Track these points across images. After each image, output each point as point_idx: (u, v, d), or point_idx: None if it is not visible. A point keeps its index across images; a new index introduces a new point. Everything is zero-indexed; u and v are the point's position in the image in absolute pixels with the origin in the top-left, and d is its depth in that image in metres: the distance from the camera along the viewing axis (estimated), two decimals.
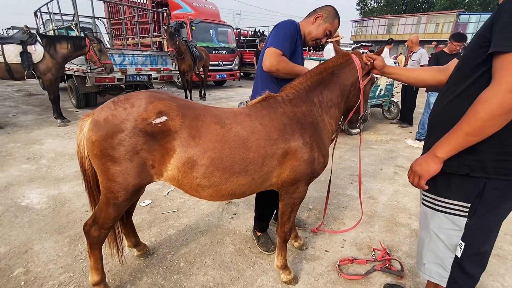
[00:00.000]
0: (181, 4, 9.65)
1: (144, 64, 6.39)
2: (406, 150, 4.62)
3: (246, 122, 1.46)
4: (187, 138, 1.35)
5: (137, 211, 2.62)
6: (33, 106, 6.81)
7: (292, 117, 1.51)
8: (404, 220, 2.65)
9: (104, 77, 5.72)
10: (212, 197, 1.48)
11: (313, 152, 1.53)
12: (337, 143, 4.69)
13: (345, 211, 2.77)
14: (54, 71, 4.97)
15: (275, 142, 1.46)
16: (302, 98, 1.58)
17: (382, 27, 34.73)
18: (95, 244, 1.54)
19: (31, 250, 2.07)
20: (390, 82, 5.52)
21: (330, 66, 1.65)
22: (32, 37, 4.75)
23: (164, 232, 2.34)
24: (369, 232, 2.46)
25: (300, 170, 1.53)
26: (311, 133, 1.53)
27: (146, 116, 1.31)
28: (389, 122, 6.40)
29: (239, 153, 1.40)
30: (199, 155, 1.36)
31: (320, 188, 3.22)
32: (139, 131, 1.30)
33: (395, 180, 3.51)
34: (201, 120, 1.39)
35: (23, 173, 3.28)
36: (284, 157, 1.49)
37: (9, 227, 2.32)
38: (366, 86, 1.69)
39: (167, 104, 1.36)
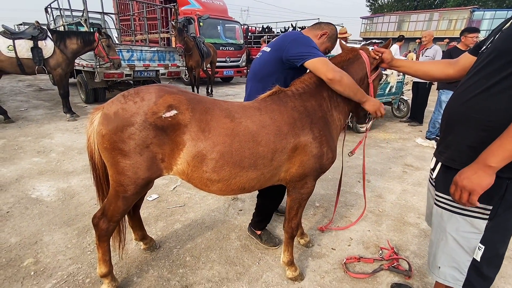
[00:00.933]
0: (189, 0, 9.66)
1: (152, 60, 6.44)
2: (416, 149, 4.54)
3: (256, 116, 1.46)
4: (197, 132, 1.35)
5: (144, 205, 2.65)
6: (44, 101, 6.94)
7: (302, 112, 1.52)
8: (413, 219, 2.61)
9: (113, 72, 5.78)
10: (221, 191, 1.49)
11: (322, 147, 1.53)
12: (346, 141, 4.69)
13: (352, 209, 2.75)
14: (64, 66, 5.05)
15: (285, 137, 1.46)
16: (311, 92, 1.58)
17: (393, 24, 34.14)
18: (103, 236, 1.57)
19: (40, 241, 2.12)
20: (400, 80, 5.42)
21: (339, 61, 1.65)
22: (42, 33, 4.83)
23: (170, 227, 2.36)
24: (377, 231, 2.43)
25: (309, 165, 1.53)
26: (320, 128, 1.53)
27: (156, 110, 1.32)
28: (398, 120, 6.31)
29: (249, 147, 1.41)
30: (209, 149, 1.36)
31: (327, 186, 3.20)
32: (149, 125, 1.31)
33: (404, 179, 3.46)
34: (211, 114, 1.39)
35: (34, 166, 3.35)
36: (294, 151, 1.49)
37: (19, 218, 2.38)
38: (374, 81, 1.70)
39: (177, 98, 1.37)
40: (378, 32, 35.13)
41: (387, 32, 34.10)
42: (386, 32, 34.31)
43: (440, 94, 4.69)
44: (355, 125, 5.10)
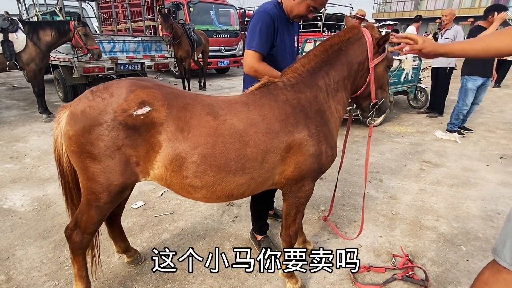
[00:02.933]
0: None
1: (136, 51, 6.46)
2: (435, 143, 4.53)
3: (243, 112, 1.43)
4: (175, 132, 1.33)
5: (128, 213, 2.67)
6: (17, 101, 6.99)
7: (295, 105, 1.48)
8: (431, 222, 2.61)
9: (93, 66, 5.81)
10: (206, 198, 1.47)
11: (320, 145, 1.50)
12: (355, 136, 4.69)
13: None
14: (37, 60, 5.07)
15: (276, 135, 1.42)
16: (306, 82, 1.54)
17: (409, 3, 34.02)
18: (77, 249, 1.57)
19: (13, 257, 2.14)
20: (417, 66, 5.40)
21: (337, 41, 1.58)
22: (13, 24, 4.86)
23: (157, 237, 2.38)
24: (389, 236, 2.43)
25: (306, 165, 1.50)
26: (317, 123, 1.50)
27: (126, 106, 1.30)
28: (416, 111, 6.29)
29: (235, 148, 1.37)
30: (189, 151, 1.33)
31: (333, 187, 3.19)
32: (119, 124, 1.29)
33: (421, 177, 3.45)
34: (191, 111, 1.36)
35: (6, 173, 3.38)
36: (288, 151, 1.46)
37: None
38: (377, 67, 1.60)
39: (150, 92, 1.34)
40: (393, 13, 35.01)
41: (403, 12, 33.99)
42: (402, 12, 34.20)
43: (465, 81, 4.63)
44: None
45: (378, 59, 1.57)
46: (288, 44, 1.89)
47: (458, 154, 4.12)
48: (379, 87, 1.67)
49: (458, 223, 2.60)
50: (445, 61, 5.46)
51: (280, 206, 2.69)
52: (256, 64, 1.75)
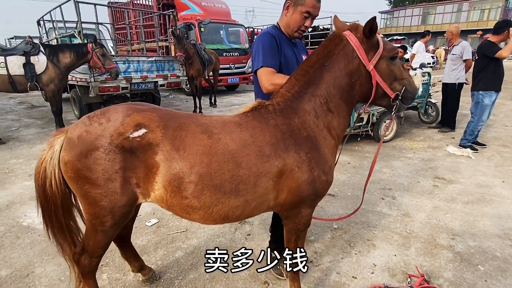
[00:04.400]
0: (189, 4, 10.06)
1: (150, 70, 6.68)
2: (448, 159, 4.48)
3: (236, 133, 1.42)
4: (171, 151, 1.34)
5: (143, 231, 2.71)
6: (36, 119, 7.26)
7: (285, 131, 1.45)
8: (446, 241, 2.57)
9: (108, 86, 6.02)
10: (204, 220, 1.47)
11: (313, 171, 1.46)
12: (366, 152, 4.68)
13: (375, 231, 2.73)
14: (56, 81, 5.31)
15: (267, 159, 1.40)
16: (293, 107, 1.49)
17: (416, 17, 34.28)
18: (87, 273, 1.62)
19: (32, 274, 2.20)
20: (426, 81, 5.42)
21: (315, 59, 1.50)
22: (35, 48, 5.13)
23: (171, 255, 2.41)
24: (404, 255, 2.40)
25: (300, 192, 1.47)
26: (307, 150, 1.45)
27: (122, 130, 1.33)
28: (427, 126, 6.25)
29: (229, 169, 1.37)
30: (186, 170, 1.34)
31: (346, 205, 3.19)
32: (115, 147, 1.32)
33: (435, 194, 3.41)
34: (186, 130, 1.38)
35: (25, 191, 3.49)
36: (279, 177, 1.43)
37: (10, 248, 2.48)
38: (379, 65, 1.44)
39: (146, 115, 1.38)
40: (400, 27, 35.27)
41: (411, 26, 34.21)
42: (409, 26, 34.44)
43: (481, 97, 4.52)
44: (376, 133, 5.09)
45: (375, 57, 1.42)
46: (292, 61, 1.90)
47: (472, 170, 4.06)
48: (393, 81, 1.50)
49: (474, 242, 2.55)
50: (453, 76, 5.47)
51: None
52: (270, 77, 1.74)
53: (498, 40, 4.37)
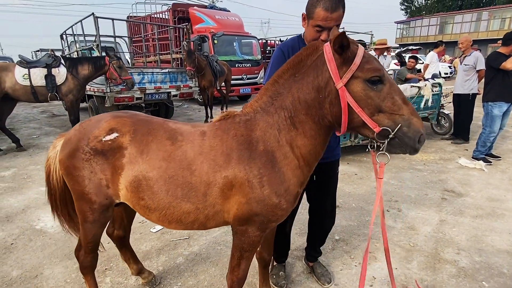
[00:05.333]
0: (203, 17, 10.38)
1: (163, 82, 6.91)
2: (459, 171, 4.37)
3: (197, 141, 1.44)
4: (135, 154, 1.44)
5: (147, 237, 2.80)
6: (55, 127, 7.61)
7: (242, 142, 1.38)
8: (451, 256, 2.51)
9: (123, 96, 6.27)
10: (160, 221, 1.52)
11: (263, 190, 1.35)
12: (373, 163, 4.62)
13: (378, 243, 2.70)
14: (75, 92, 5.59)
15: (219, 169, 1.38)
16: (257, 118, 1.41)
17: (434, 27, 33.76)
18: (84, 268, 1.78)
19: (41, 275, 2.31)
20: (437, 92, 5.34)
21: (286, 68, 1.38)
22: (56, 60, 5.44)
23: (172, 261, 2.47)
24: (405, 269, 2.36)
25: (247, 209, 1.39)
26: (261, 165, 1.36)
27: (97, 134, 1.49)
28: (440, 138, 6.12)
29: (183, 175, 1.40)
30: (145, 173, 1.43)
31: (350, 216, 3.18)
32: (91, 149, 1.48)
33: (443, 207, 3.34)
34: (153, 135, 1.46)
35: (41, 196, 3.67)
36: (229, 189, 1.39)
37: (23, 250, 2.61)
38: (352, 85, 1.21)
39: (121, 121, 1.51)
40: (417, 37, 34.81)
41: (428, 36, 33.72)
42: (426, 36, 33.94)
43: (490, 108, 4.48)
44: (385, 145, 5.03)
45: (346, 75, 1.21)
46: None
47: (483, 183, 3.95)
48: (376, 112, 1.22)
49: (480, 257, 2.48)
50: (467, 87, 5.37)
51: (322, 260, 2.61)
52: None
53: (508, 51, 4.29)
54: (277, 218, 1.46)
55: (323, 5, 1.47)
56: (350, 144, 4.85)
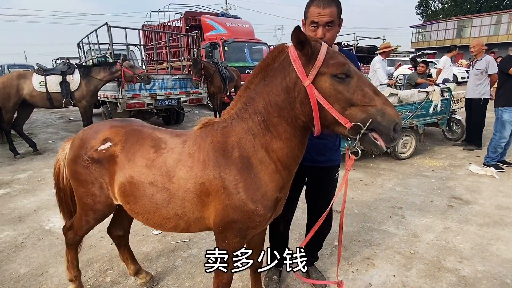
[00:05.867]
0: (214, 25, 10.59)
1: (173, 88, 7.09)
2: (468, 178, 4.26)
3: (178, 149, 1.49)
4: (124, 161, 1.56)
5: (149, 239, 2.87)
6: (71, 132, 7.90)
7: (217, 149, 1.39)
8: (452, 264, 2.45)
9: (134, 102, 6.47)
10: (146, 223, 1.63)
11: (239, 196, 1.35)
12: (381, 169, 4.57)
13: (377, 250, 2.67)
14: (88, 98, 5.81)
15: (195, 176, 1.40)
16: (233, 125, 1.40)
17: (451, 31, 33.03)
18: (70, 245, 1.98)
19: (46, 273, 2.41)
20: (447, 97, 5.24)
21: (256, 73, 1.37)
22: (71, 68, 5.69)
23: (171, 263, 2.53)
24: (404, 276, 2.33)
25: (225, 216, 1.40)
26: (236, 171, 1.36)
27: (94, 144, 1.64)
28: (451, 144, 5.98)
29: (162, 182, 1.46)
30: (130, 179, 1.54)
31: (351, 222, 3.15)
32: (89, 158, 1.63)
33: (448, 215, 3.26)
34: (140, 144, 1.57)
35: (52, 198, 3.80)
36: (206, 196, 1.41)
37: (31, 249, 2.74)
38: (319, 82, 1.20)
39: (115, 131, 1.64)
40: (434, 41, 34.14)
41: (444, 40, 32.99)
42: (443, 40, 33.23)
43: (501, 113, 4.40)
44: (393, 151, 4.97)
45: (312, 72, 1.20)
46: None
47: (493, 190, 3.83)
48: (348, 106, 1.20)
49: (484, 266, 2.41)
50: (478, 92, 5.25)
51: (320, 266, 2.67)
52: None
53: None
54: (255, 225, 1.44)
55: (316, 3, 1.56)
56: None
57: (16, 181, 4.46)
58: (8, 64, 15.62)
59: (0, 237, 2.97)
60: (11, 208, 3.59)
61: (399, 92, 4.76)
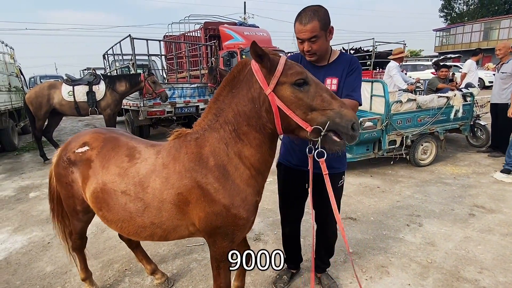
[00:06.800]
0: (232, 34, 10.81)
1: (192, 96, 7.31)
2: (493, 186, 4.08)
3: (151, 159, 1.53)
4: (98, 167, 1.62)
5: (165, 242, 2.97)
6: None
7: (192, 159, 1.44)
8: (472, 274, 2.37)
9: (155, 110, 6.73)
10: (121, 232, 1.66)
11: (220, 202, 1.41)
12: (400, 176, 4.48)
13: (393, 258, 2.62)
14: (112, 106, 6.10)
15: (172, 187, 1.45)
16: (205, 136, 1.46)
17: (477, 33, 31.85)
18: (74, 248, 2.12)
19: (70, 272, 2.56)
20: (469, 102, 5.07)
21: (224, 85, 1.45)
22: (97, 78, 6.01)
23: (186, 265, 2.60)
24: (419, 285, 2.28)
25: (208, 222, 1.45)
26: (213, 179, 1.41)
27: (73, 146, 1.75)
28: (475, 150, 5.76)
29: (135, 191, 1.50)
30: (101, 185, 1.57)
31: (366, 230, 3.11)
32: (67, 159, 1.74)
33: (469, 223, 3.15)
34: (116, 151, 1.62)
35: None
36: (186, 205, 1.46)
37: (57, 249, 2.91)
38: (280, 90, 1.30)
39: (94, 136, 1.75)
40: (459, 45, 33.02)
41: (470, 43, 31.84)
42: (469, 43, 32.09)
43: None
44: (412, 158, 4.86)
45: (273, 81, 1.29)
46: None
47: None
48: (308, 111, 1.29)
49: (505, 278, 2.32)
50: (504, 96, 5.05)
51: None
52: None
53: None
54: (240, 228, 1.50)
55: (298, 20, 1.67)
56: (374, 157, 4.76)
57: (45, 185, 4.73)
58: (40, 75, 16.60)
59: (30, 236, 3.17)
60: (40, 210, 3.82)
61: (418, 98, 4.66)
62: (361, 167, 5.02)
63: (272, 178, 3.68)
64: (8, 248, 2.98)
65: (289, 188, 2.13)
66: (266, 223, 3.27)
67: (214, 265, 1.63)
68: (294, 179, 2.05)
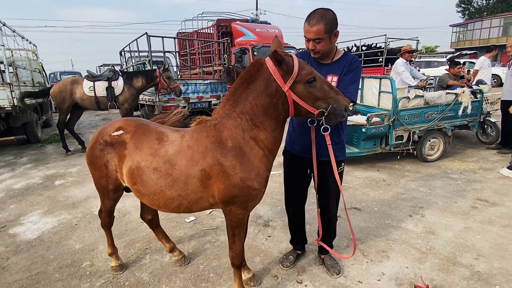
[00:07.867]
0: (244, 31, 10.99)
1: (205, 92, 7.56)
2: (499, 181, 4.17)
3: (177, 141, 1.82)
4: (133, 148, 1.88)
5: (182, 226, 3.22)
6: None
7: (213, 141, 1.72)
8: (468, 260, 2.52)
9: (170, 105, 7.00)
10: (151, 204, 1.91)
11: (237, 176, 1.69)
12: (406, 171, 4.61)
13: (394, 244, 2.79)
14: (130, 101, 6.41)
15: (196, 164, 1.73)
16: (223, 123, 1.73)
17: (496, 29, 30.95)
18: (103, 226, 2.40)
19: (96, 249, 2.84)
20: (478, 99, 5.12)
21: (241, 82, 1.71)
22: (115, 74, 6.32)
23: (201, 246, 2.84)
24: (417, 268, 2.44)
25: (227, 193, 1.73)
26: (232, 157, 1.69)
27: (109, 130, 1.99)
28: (485, 147, 5.80)
29: (165, 168, 1.78)
30: (136, 164, 1.84)
31: (370, 219, 3.28)
32: (104, 141, 1.97)
33: (471, 215, 3.28)
34: (147, 135, 1.89)
35: None
36: (208, 179, 1.74)
37: (84, 229, 3.20)
38: (295, 87, 1.59)
39: (127, 122, 2.01)
40: (476, 40, 32.20)
41: (489, 39, 30.98)
42: (487, 39, 31.23)
43: None
44: (419, 153, 4.96)
45: (290, 81, 1.57)
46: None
47: None
48: (315, 101, 1.62)
49: (500, 264, 2.46)
50: None
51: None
52: None
53: None
54: (253, 197, 1.79)
55: (307, 20, 1.89)
56: (381, 152, 4.89)
57: (69, 174, 5.09)
58: (60, 71, 17.19)
59: (59, 219, 3.49)
60: (66, 196, 4.14)
61: (425, 94, 4.75)
62: (368, 162, 5.16)
63: (280, 171, 3.87)
64: (41, 228, 3.29)
65: (293, 172, 2.37)
66: (275, 211, 3.48)
67: (230, 233, 1.93)
68: (297, 164, 2.29)
